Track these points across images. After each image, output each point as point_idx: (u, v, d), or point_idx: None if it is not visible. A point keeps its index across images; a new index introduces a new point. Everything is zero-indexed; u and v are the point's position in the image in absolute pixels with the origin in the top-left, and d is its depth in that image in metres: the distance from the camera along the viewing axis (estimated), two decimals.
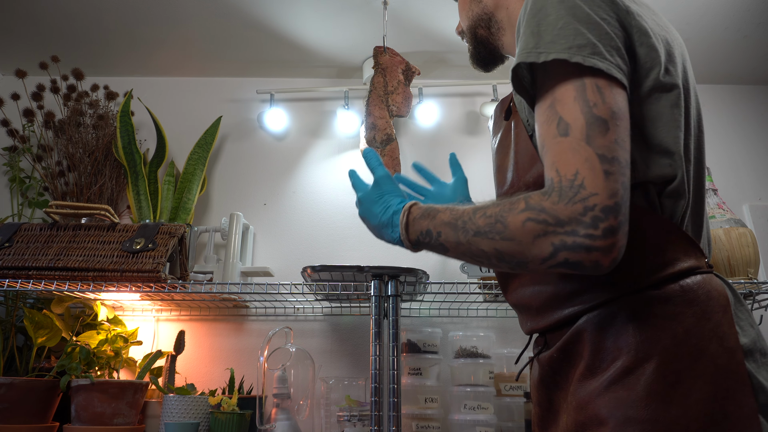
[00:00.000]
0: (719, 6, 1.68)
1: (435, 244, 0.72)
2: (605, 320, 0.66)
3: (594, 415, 0.63)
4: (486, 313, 1.70)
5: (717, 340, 0.62)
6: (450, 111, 1.99)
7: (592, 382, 0.65)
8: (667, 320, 0.63)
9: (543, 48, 0.64)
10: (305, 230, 1.84)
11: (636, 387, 0.61)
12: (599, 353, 0.66)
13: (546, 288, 0.73)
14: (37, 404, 1.29)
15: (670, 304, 0.64)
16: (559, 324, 0.73)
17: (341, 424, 1.39)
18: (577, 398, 0.67)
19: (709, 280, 0.66)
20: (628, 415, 0.60)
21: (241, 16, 1.73)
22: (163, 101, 1.97)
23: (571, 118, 0.61)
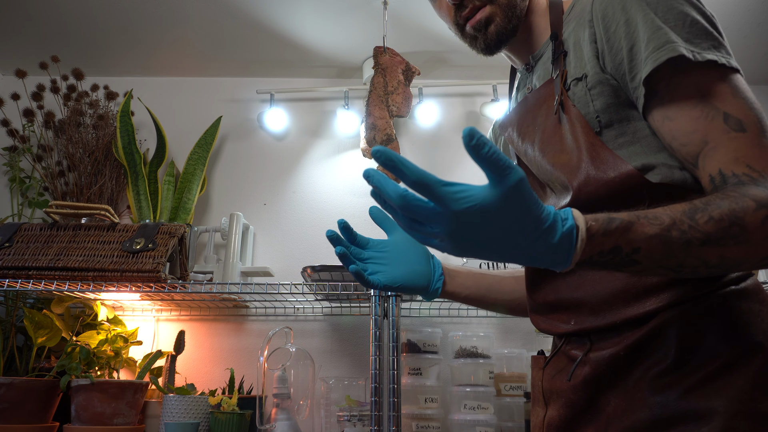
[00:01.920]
0: (719, 6, 1.68)
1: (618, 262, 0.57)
2: (692, 316, 0.65)
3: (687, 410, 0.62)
4: (486, 313, 1.70)
5: None
6: (450, 111, 1.99)
7: (682, 379, 0.64)
8: (754, 317, 0.64)
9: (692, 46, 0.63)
10: (305, 230, 1.84)
11: (739, 382, 0.61)
12: (690, 349, 0.64)
13: (611, 284, 0.69)
14: (37, 404, 1.29)
15: (752, 302, 0.65)
16: (629, 322, 0.68)
17: (341, 424, 1.39)
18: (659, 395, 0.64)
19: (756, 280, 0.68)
20: (736, 408, 0.60)
21: (241, 16, 1.73)
22: (163, 101, 1.97)
23: (741, 114, 0.61)
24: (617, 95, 0.71)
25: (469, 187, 0.51)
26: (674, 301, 0.66)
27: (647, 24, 0.65)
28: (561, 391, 0.76)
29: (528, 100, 0.85)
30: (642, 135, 0.70)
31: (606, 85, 0.71)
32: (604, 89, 0.71)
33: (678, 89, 0.64)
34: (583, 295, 0.72)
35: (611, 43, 0.69)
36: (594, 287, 0.71)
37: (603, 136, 0.71)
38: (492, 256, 0.55)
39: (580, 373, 0.74)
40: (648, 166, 0.69)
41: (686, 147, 0.64)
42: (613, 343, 0.70)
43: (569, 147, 0.74)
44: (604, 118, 0.71)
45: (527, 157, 0.85)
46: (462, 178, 1.90)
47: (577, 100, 0.74)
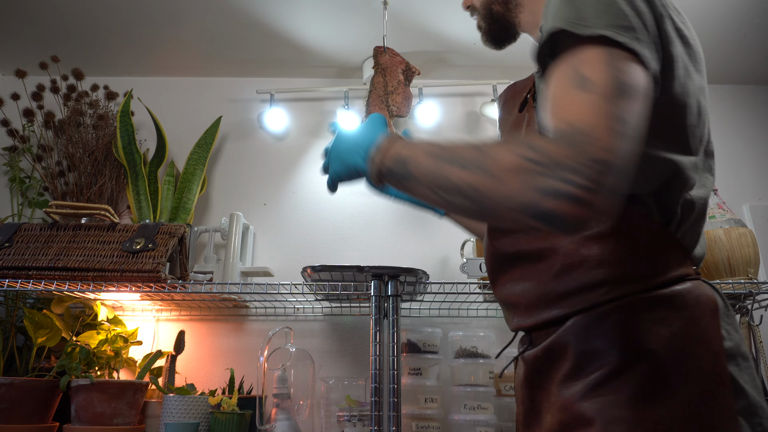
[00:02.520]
0: (719, 6, 1.68)
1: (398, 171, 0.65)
2: (593, 323, 0.67)
3: (580, 415, 0.64)
4: (486, 313, 1.70)
5: (703, 344, 0.63)
6: (450, 111, 1.99)
7: (578, 383, 0.66)
8: (655, 324, 0.64)
9: (589, 22, 0.58)
10: (305, 230, 1.84)
11: (623, 388, 0.62)
12: (586, 355, 0.67)
13: (537, 287, 0.73)
14: (37, 404, 1.29)
15: (659, 309, 0.65)
16: (547, 323, 0.73)
17: (341, 424, 1.39)
18: (561, 399, 0.67)
19: (698, 286, 0.67)
20: (615, 415, 0.61)
21: (241, 16, 1.73)
22: (163, 101, 1.97)
23: (596, 76, 0.55)
24: None
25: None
26: (583, 308, 0.68)
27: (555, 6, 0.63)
28: (517, 388, 0.82)
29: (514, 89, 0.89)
30: None
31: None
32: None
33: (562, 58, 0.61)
34: (518, 296, 0.76)
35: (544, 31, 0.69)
36: (527, 288, 0.75)
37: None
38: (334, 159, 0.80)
39: (521, 370, 0.79)
40: None
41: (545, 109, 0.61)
42: (538, 343, 0.75)
43: None
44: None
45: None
46: None
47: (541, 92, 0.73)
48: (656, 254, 0.67)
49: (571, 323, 0.69)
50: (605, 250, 0.67)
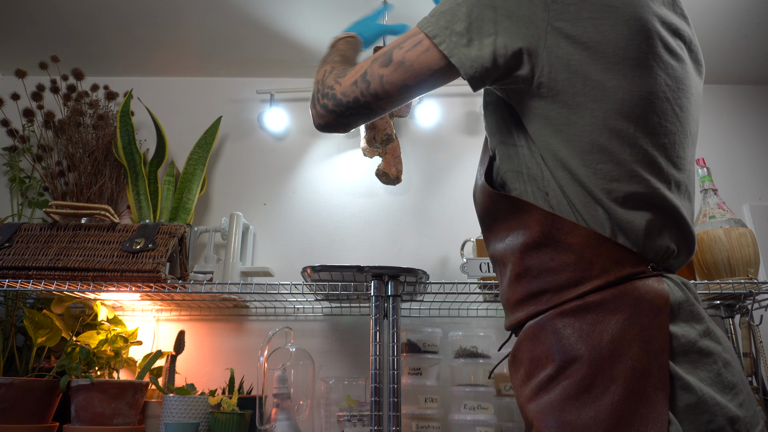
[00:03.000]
0: (719, 6, 1.68)
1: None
2: (539, 328, 0.70)
3: (527, 418, 0.69)
4: (486, 313, 1.70)
5: (640, 343, 0.63)
6: (450, 111, 1.99)
7: (525, 388, 0.70)
8: (590, 326, 0.66)
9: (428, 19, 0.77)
10: (305, 230, 1.84)
11: (555, 393, 0.65)
12: (532, 361, 0.70)
13: (504, 291, 0.79)
14: (37, 404, 1.29)
15: (592, 313, 0.66)
16: (513, 327, 0.78)
17: (341, 424, 1.39)
18: (518, 402, 0.72)
19: (642, 285, 0.67)
20: (548, 418, 0.64)
21: (240, 16, 1.73)
22: (163, 101, 1.97)
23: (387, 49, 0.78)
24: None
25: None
26: (531, 314, 0.72)
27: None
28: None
29: None
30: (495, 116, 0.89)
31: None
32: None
33: None
34: (502, 299, 0.82)
35: None
36: (504, 291, 0.80)
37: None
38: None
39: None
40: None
41: None
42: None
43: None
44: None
45: None
46: (462, 177, 1.90)
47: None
48: (591, 259, 0.68)
49: (523, 330, 0.73)
50: (544, 259, 0.71)
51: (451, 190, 1.87)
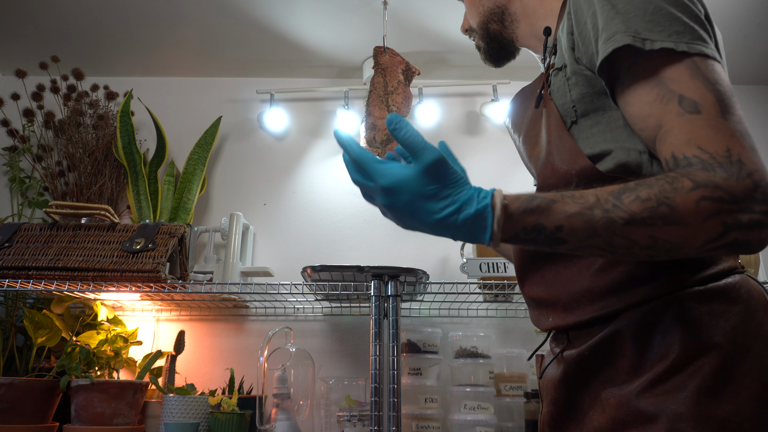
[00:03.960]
0: (719, 6, 1.68)
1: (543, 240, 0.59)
2: (649, 318, 0.65)
3: (639, 412, 0.62)
4: (486, 313, 1.70)
5: (762, 339, 0.61)
6: (450, 111, 1.99)
7: (637, 380, 0.64)
8: (714, 318, 0.62)
9: (645, 35, 0.61)
10: (305, 230, 1.84)
11: (687, 384, 0.60)
12: (645, 351, 0.64)
13: (578, 284, 0.71)
14: (37, 404, 1.29)
15: (716, 303, 0.63)
16: (594, 321, 0.70)
17: (341, 424, 1.39)
18: (617, 396, 0.65)
19: (746, 279, 0.66)
20: (680, 411, 0.59)
21: (241, 16, 1.73)
22: (163, 101, 1.97)
23: (697, 96, 0.58)
24: (592, 85, 0.71)
25: (394, 164, 0.60)
26: (634, 302, 0.66)
27: (604, 15, 0.65)
28: (548, 389, 0.78)
29: (523, 93, 0.88)
30: (617, 124, 0.70)
31: (581, 75, 0.72)
32: (579, 79, 0.72)
33: (635, 75, 0.64)
34: (557, 293, 0.74)
35: (583, 35, 0.70)
36: (565, 285, 0.72)
37: (579, 124, 0.73)
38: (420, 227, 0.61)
39: (558, 370, 0.75)
40: (605, 152, 0.70)
41: (644, 132, 0.63)
42: (583, 341, 0.72)
43: (542, 140, 0.76)
44: (580, 108, 0.72)
45: (518, 148, 0.88)
46: None
47: (556, 90, 0.75)
48: None
49: (624, 319, 0.67)
50: None
51: None
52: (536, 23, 0.87)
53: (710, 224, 0.54)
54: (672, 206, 0.55)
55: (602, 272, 0.68)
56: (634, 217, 0.55)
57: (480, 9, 0.92)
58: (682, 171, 0.57)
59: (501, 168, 1.90)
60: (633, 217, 0.55)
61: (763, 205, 0.54)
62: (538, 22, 0.87)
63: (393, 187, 0.59)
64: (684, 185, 0.55)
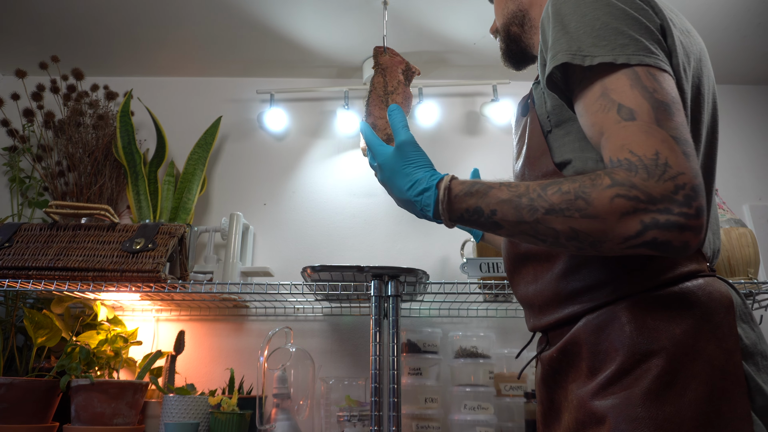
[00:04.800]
0: (719, 6, 1.68)
1: (484, 222, 0.67)
2: (604, 321, 0.67)
3: (592, 413, 0.64)
4: (486, 313, 1.70)
5: (716, 341, 0.62)
6: (450, 111, 1.99)
7: (591, 381, 0.66)
8: (665, 322, 0.64)
9: (587, 51, 0.65)
10: (305, 230, 1.84)
11: (633, 386, 0.62)
12: (598, 354, 0.67)
13: (548, 287, 0.74)
14: (37, 404, 1.29)
15: (669, 307, 0.64)
16: (560, 323, 0.74)
17: (341, 424, 1.39)
18: (577, 397, 0.68)
19: (710, 282, 0.67)
20: (625, 413, 0.61)
21: (241, 16, 1.73)
22: (163, 101, 1.97)
23: (634, 104, 0.61)
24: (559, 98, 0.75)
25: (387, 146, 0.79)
26: (593, 306, 0.69)
27: (554, 35, 0.69)
28: (537, 388, 0.83)
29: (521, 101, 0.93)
30: (582, 135, 0.73)
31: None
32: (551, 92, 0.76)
33: (584, 88, 0.67)
34: (533, 295, 0.78)
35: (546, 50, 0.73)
36: (539, 287, 0.76)
37: (553, 134, 0.76)
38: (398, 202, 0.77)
39: (539, 370, 0.80)
40: (567, 161, 0.73)
41: (593, 140, 0.66)
42: (554, 343, 0.76)
43: (525, 146, 0.81)
44: (553, 118, 0.76)
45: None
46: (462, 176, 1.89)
47: (536, 101, 0.80)
48: None
49: (583, 322, 0.69)
50: None
51: None
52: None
53: (627, 222, 0.56)
54: (588, 200, 0.58)
55: (567, 276, 0.72)
56: (553, 207, 0.61)
57: (504, 11, 0.96)
58: (606, 170, 0.59)
59: (501, 168, 1.90)
60: (552, 207, 0.61)
61: (683, 208, 0.55)
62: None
63: (380, 163, 0.78)
64: (603, 182, 0.58)
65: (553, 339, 0.76)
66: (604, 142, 0.62)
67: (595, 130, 0.64)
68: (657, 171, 0.56)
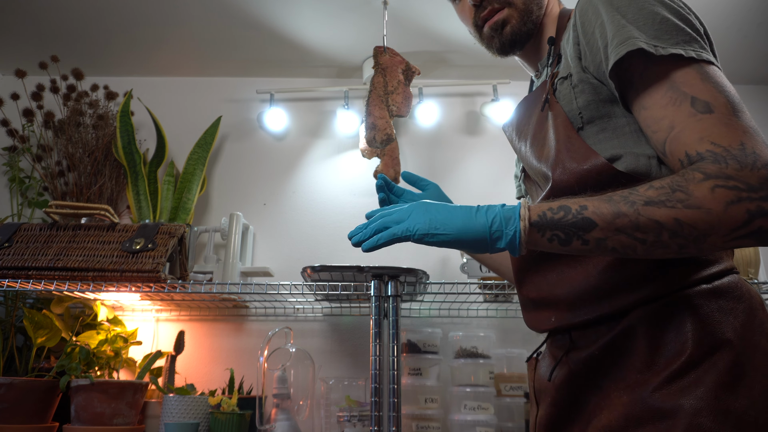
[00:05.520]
0: (720, 6, 1.67)
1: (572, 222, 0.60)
2: (661, 314, 0.66)
3: (655, 408, 0.62)
4: (486, 313, 1.70)
5: (765, 335, 0.63)
6: (450, 111, 1.99)
7: (652, 376, 0.64)
8: (724, 315, 0.63)
9: (655, 42, 0.64)
10: (305, 230, 1.84)
11: (704, 379, 0.61)
12: (659, 348, 0.65)
13: (585, 281, 0.71)
14: (36, 404, 1.29)
15: (724, 300, 0.64)
16: (602, 319, 0.70)
17: (341, 425, 1.39)
18: (630, 393, 0.65)
19: (742, 279, 0.68)
20: (699, 406, 0.60)
21: (241, 16, 1.73)
22: (163, 101, 1.97)
23: (709, 97, 0.60)
24: (598, 93, 0.73)
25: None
26: (643, 300, 0.67)
27: (614, 24, 0.67)
28: (547, 391, 0.78)
29: (527, 101, 0.89)
30: (623, 131, 0.72)
31: (587, 83, 0.73)
32: (586, 87, 0.73)
33: (648, 80, 0.65)
34: (561, 293, 0.74)
35: (590, 45, 0.72)
36: (571, 284, 0.73)
37: (585, 131, 0.74)
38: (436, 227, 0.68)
39: (561, 372, 0.76)
40: (615, 156, 0.70)
41: (657, 134, 0.64)
42: (591, 342, 0.72)
43: (551, 141, 0.77)
44: (586, 114, 0.74)
45: (522, 155, 0.88)
46: (462, 176, 1.90)
47: (562, 98, 0.77)
48: None
49: (635, 316, 0.67)
50: None
51: (452, 189, 1.86)
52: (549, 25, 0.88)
53: (733, 211, 0.54)
54: (687, 192, 0.56)
55: (610, 270, 0.69)
56: (651, 200, 0.57)
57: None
58: (692, 166, 0.58)
59: (501, 168, 1.90)
60: (651, 200, 0.57)
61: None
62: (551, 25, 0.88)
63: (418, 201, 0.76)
64: (695, 176, 0.57)
65: (582, 338, 0.73)
66: (676, 135, 0.61)
67: (663, 124, 0.62)
68: (748, 161, 0.55)
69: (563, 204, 0.62)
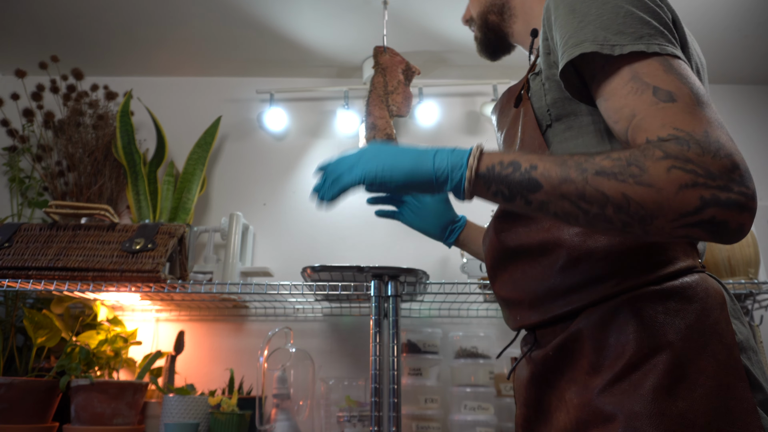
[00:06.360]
0: (719, 6, 1.67)
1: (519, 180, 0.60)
2: (607, 316, 0.66)
3: (599, 411, 0.63)
4: (486, 313, 1.70)
5: (717, 336, 0.62)
6: (450, 111, 1.99)
7: (595, 379, 0.65)
8: (669, 316, 0.63)
9: (614, 40, 0.62)
10: (305, 230, 1.84)
11: (643, 382, 0.61)
12: (602, 350, 0.65)
13: (542, 282, 0.72)
14: (36, 404, 1.29)
15: (672, 301, 0.64)
16: (555, 320, 0.71)
17: (341, 425, 1.39)
18: (579, 396, 0.66)
19: (705, 278, 0.66)
20: (636, 410, 0.60)
21: (241, 16, 1.73)
22: (163, 101, 1.96)
23: (673, 87, 0.58)
24: (563, 90, 0.72)
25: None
26: (593, 301, 0.67)
27: (573, 21, 0.66)
28: (520, 390, 0.80)
29: (509, 92, 0.90)
30: (587, 130, 0.72)
31: (553, 81, 0.73)
32: (552, 85, 0.73)
33: (609, 72, 0.64)
34: (522, 292, 0.75)
35: (555, 41, 0.71)
36: (530, 284, 0.73)
37: (553, 128, 0.74)
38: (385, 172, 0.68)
39: (527, 371, 0.77)
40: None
41: (618, 123, 0.62)
42: (548, 342, 0.73)
43: (517, 139, 0.78)
44: (554, 112, 0.74)
45: (499, 146, 0.92)
46: None
47: (533, 94, 0.77)
48: (664, 245, 0.66)
49: (583, 318, 0.67)
50: (612, 241, 0.66)
51: None
52: (530, 22, 0.89)
53: (685, 195, 0.52)
54: (642, 168, 0.54)
55: (565, 270, 0.69)
56: (604, 170, 0.55)
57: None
58: (655, 142, 0.56)
59: None
60: (603, 170, 0.55)
61: (742, 187, 0.52)
62: (532, 21, 0.89)
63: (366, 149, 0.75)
64: (654, 153, 0.54)
65: (543, 337, 0.74)
66: (637, 123, 0.59)
67: (624, 113, 0.61)
68: (711, 148, 0.53)
69: (515, 159, 0.61)
